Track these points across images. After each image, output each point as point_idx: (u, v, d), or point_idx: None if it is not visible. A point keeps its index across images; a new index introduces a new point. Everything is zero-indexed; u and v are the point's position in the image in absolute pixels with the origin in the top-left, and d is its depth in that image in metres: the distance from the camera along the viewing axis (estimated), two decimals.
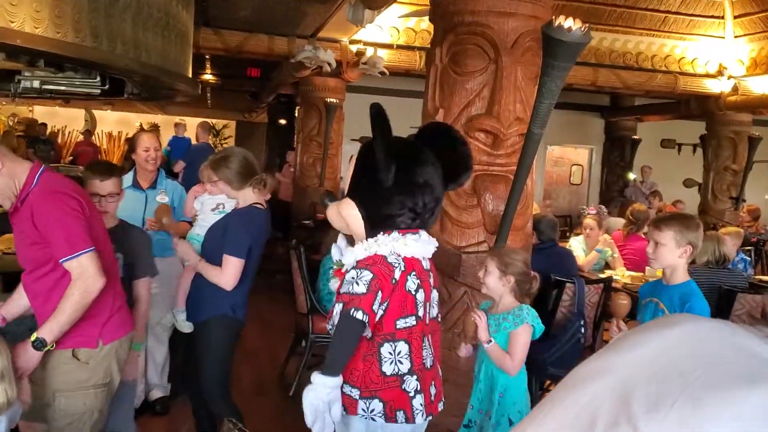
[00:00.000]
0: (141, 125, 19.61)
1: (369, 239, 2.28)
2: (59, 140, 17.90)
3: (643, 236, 6.26)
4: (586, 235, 5.97)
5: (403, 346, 2.25)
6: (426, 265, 2.39)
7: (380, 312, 2.20)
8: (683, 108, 10.82)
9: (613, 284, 5.34)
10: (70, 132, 18.65)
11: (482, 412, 2.97)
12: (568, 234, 7.78)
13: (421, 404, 2.28)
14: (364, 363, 2.24)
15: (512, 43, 3.62)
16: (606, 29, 9.20)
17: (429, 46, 4.09)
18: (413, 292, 2.27)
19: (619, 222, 7.27)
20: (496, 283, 2.92)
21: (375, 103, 2.31)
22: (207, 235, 3.35)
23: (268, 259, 8.60)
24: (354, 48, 8.72)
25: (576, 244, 5.92)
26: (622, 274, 5.74)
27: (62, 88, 6.02)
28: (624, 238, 6.31)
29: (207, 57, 10.53)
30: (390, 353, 2.24)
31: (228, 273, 3.16)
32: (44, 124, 13.21)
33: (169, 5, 5.41)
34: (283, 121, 14.96)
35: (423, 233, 2.37)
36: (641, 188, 11.61)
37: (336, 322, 2.19)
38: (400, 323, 2.25)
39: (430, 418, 2.37)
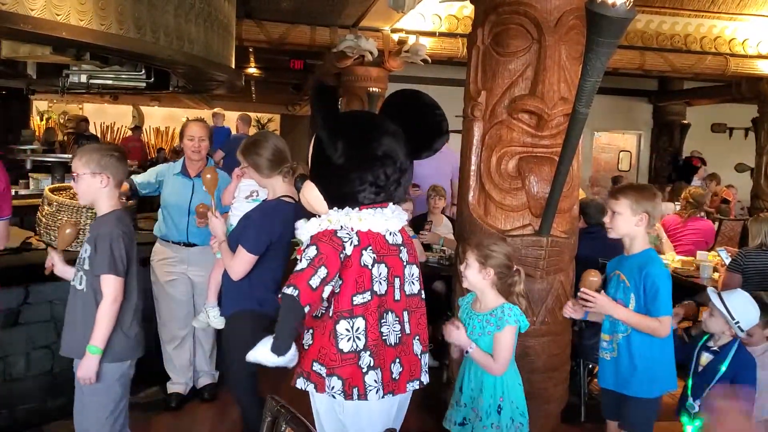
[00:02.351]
0: (187, 119, 19.89)
1: (322, 216, 2.29)
2: (108, 137, 18.33)
3: (701, 217, 6.17)
4: None
5: (360, 322, 2.24)
6: (393, 239, 2.35)
7: (329, 288, 2.19)
8: (734, 90, 10.51)
9: None
10: (119, 128, 19.08)
11: (475, 411, 2.90)
12: None
13: (375, 381, 2.25)
14: (330, 340, 2.26)
15: (555, 21, 3.54)
16: (653, 11, 8.98)
17: (469, 32, 4.03)
18: (369, 267, 2.25)
19: (668, 207, 7.10)
20: (475, 276, 2.81)
21: (317, 80, 2.31)
22: (237, 225, 3.25)
23: None
24: (396, 36, 8.68)
25: None
26: (672, 259, 5.59)
27: (109, 82, 6.15)
28: (684, 221, 6.19)
29: (250, 50, 10.61)
30: (347, 330, 2.24)
31: (236, 263, 3.08)
32: (86, 120, 13.41)
33: None
34: None
35: (389, 206, 2.35)
36: None
37: None
38: (357, 299, 2.24)
39: (391, 396, 2.33)
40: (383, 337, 2.28)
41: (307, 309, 2.17)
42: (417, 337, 2.42)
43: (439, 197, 5.81)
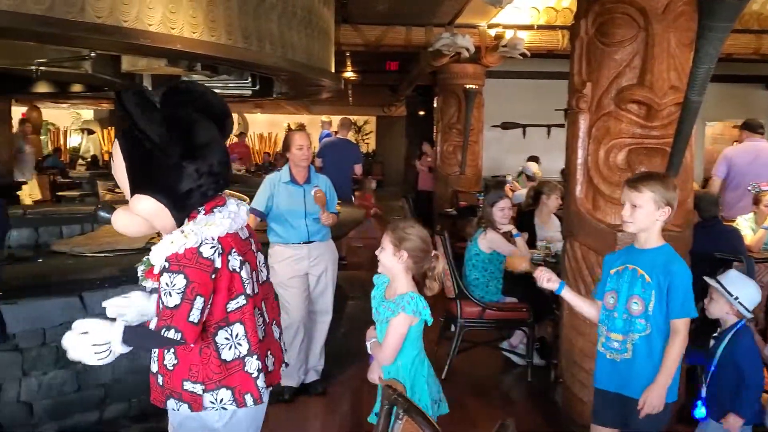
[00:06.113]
0: (289, 125, 20.53)
1: (174, 231, 2.05)
2: None
3: None
4: (766, 213, 5.49)
5: (239, 328, 2.13)
6: (244, 234, 2.24)
7: (207, 310, 2.05)
8: None
9: None
10: None
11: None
12: None
13: (264, 382, 2.19)
14: (202, 356, 2.12)
15: (663, 8, 3.45)
16: None
17: (570, 24, 3.97)
18: (238, 270, 2.13)
19: None
20: (389, 259, 2.66)
21: (121, 90, 2.14)
22: None
23: None
24: (493, 32, 8.62)
25: (744, 223, 5.49)
26: None
27: (217, 90, 6.43)
28: None
29: (347, 54, 10.82)
30: (227, 339, 2.12)
31: None
32: None
33: (311, 3, 5.60)
34: (421, 113, 15.07)
35: (229, 202, 2.19)
36: None
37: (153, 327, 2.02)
38: (231, 306, 2.12)
39: (271, 388, 2.27)
40: (258, 338, 2.20)
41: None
42: (274, 322, 2.37)
43: (556, 196, 5.66)
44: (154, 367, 2.18)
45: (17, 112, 11.57)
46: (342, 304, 6.33)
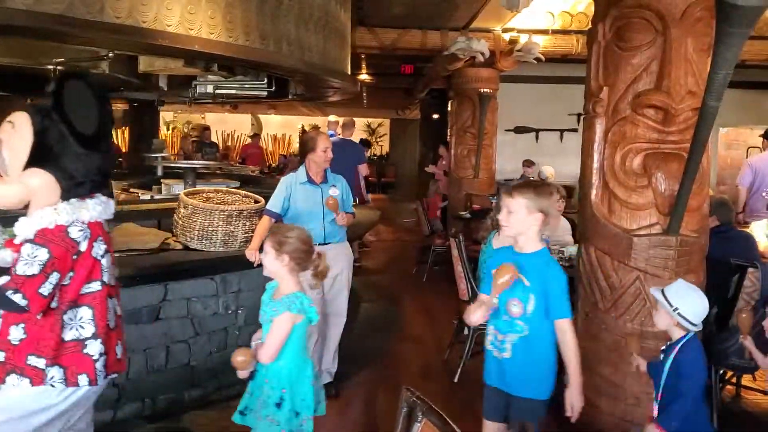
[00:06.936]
0: (303, 127, 20.58)
1: (46, 208, 2.16)
2: (229, 143, 19.19)
3: None
4: None
5: (85, 311, 2.22)
6: (107, 226, 2.35)
7: (62, 284, 2.15)
8: None
9: None
10: (238, 136, 19.97)
11: (259, 400, 2.76)
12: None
13: (104, 366, 2.27)
14: (51, 332, 2.18)
15: (681, 13, 3.43)
16: None
17: (586, 29, 3.96)
18: (100, 257, 2.25)
19: None
20: (272, 263, 2.78)
21: (62, 72, 2.23)
22: None
23: (427, 251, 8.72)
24: (507, 36, 8.61)
25: (758, 230, 5.47)
26: None
27: (233, 91, 6.47)
28: None
29: (362, 57, 10.83)
30: (71, 319, 2.21)
31: None
32: (208, 129, 14.00)
33: (328, 5, 5.62)
34: (435, 116, 15.06)
35: (100, 195, 2.31)
36: None
37: None
38: (85, 289, 2.22)
39: (116, 375, 2.37)
40: (107, 323, 2.30)
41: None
42: (122, 318, 2.48)
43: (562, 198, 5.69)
44: None
45: None
46: (356, 307, 6.34)
